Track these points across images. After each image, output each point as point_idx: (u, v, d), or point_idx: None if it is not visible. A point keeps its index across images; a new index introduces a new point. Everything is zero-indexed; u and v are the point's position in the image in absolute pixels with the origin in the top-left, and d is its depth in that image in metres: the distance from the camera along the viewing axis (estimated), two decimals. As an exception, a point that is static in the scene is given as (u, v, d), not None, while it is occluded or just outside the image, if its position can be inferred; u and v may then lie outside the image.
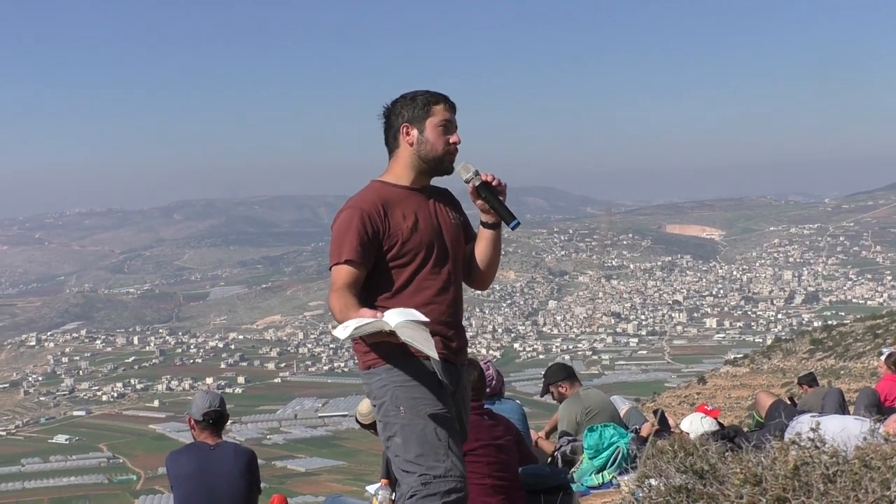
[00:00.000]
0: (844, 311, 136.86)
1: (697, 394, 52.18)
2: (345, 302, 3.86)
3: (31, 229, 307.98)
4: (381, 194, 4.07)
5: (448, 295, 4.13)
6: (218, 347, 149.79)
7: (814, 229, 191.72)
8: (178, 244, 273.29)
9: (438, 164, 4.11)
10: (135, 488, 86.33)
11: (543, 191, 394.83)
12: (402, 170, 4.13)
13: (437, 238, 4.10)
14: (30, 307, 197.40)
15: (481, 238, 4.26)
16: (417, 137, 4.07)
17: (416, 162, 4.11)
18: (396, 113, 4.12)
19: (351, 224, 3.95)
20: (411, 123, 4.08)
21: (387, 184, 4.13)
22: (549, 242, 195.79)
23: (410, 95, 4.12)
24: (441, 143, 4.08)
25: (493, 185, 4.11)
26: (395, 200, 4.06)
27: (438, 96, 4.12)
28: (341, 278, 3.92)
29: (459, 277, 4.24)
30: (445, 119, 4.09)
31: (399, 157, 4.14)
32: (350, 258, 3.91)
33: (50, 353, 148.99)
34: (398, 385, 3.94)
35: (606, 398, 8.59)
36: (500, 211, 4.13)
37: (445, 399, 3.98)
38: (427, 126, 4.07)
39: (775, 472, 3.04)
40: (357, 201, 4.04)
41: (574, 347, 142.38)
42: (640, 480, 3.43)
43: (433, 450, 3.86)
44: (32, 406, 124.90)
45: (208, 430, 6.14)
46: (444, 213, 4.18)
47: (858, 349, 50.20)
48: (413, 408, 3.91)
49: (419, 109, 4.07)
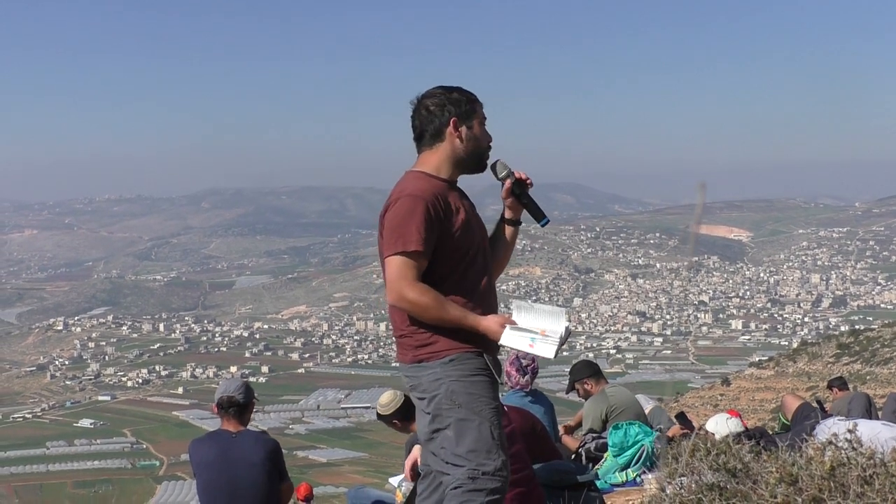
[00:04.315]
0: (872, 315, 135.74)
1: (721, 395, 51.93)
2: (442, 300, 3.88)
3: (61, 214, 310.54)
4: (432, 185, 4.04)
5: (493, 288, 4.15)
6: (243, 336, 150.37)
7: (843, 233, 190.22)
8: (205, 232, 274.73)
9: (480, 160, 4.15)
10: (157, 474, 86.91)
11: (572, 188, 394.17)
12: (441, 163, 4.11)
13: (482, 234, 4.14)
14: (58, 292, 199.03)
15: (501, 234, 4.30)
16: (466, 133, 4.09)
17: (458, 157, 4.11)
18: (442, 106, 4.10)
19: (415, 212, 3.90)
20: (460, 119, 4.08)
21: (431, 176, 4.10)
22: (575, 240, 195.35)
23: (452, 90, 4.13)
24: (486, 139, 4.13)
25: (527, 183, 4.19)
26: (445, 192, 4.05)
27: (473, 95, 4.16)
28: (410, 271, 3.88)
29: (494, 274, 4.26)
30: (485, 119, 4.15)
31: (440, 150, 4.12)
32: (417, 248, 3.87)
33: (77, 338, 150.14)
34: (455, 380, 3.93)
35: (632, 396, 8.54)
36: (533, 209, 4.19)
37: (497, 395, 4.01)
38: (475, 123, 4.11)
39: (811, 472, 3.01)
40: (417, 190, 3.99)
41: (598, 345, 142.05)
42: (671, 477, 3.38)
43: (486, 447, 3.88)
44: (58, 390, 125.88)
45: (230, 417, 6.14)
46: (475, 210, 4.20)
47: (885, 354, 49.73)
48: (470, 403, 3.91)
49: (467, 106, 4.10)
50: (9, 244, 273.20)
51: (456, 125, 4.07)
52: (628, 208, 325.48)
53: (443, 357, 3.94)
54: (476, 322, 3.87)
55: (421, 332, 3.97)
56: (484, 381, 3.94)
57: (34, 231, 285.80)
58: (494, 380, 3.97)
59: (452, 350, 3.93)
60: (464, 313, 3.88)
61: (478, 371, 3.93)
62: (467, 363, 3.93)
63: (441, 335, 3.93)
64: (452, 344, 3.92)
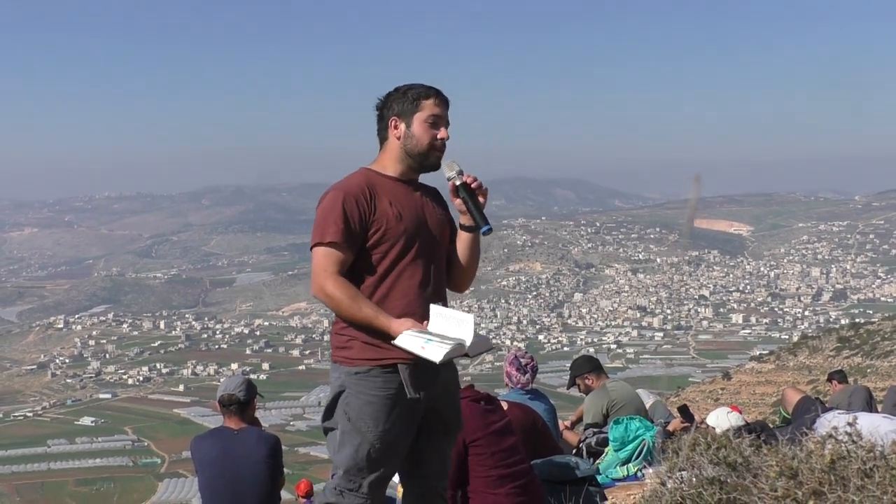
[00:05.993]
0: (872, 309, 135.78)
1: (722, 389, 51.91)
2: (356, 297, 3.89)
3: (61, 212, 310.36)
4: (369, 180, 4.05)
5: (429, 288, 4.08)
6: (243, 333, 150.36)
7: (843, 226, 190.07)
8: (205, 230, 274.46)
9: (424, 159, 4.09)
10: (159, 471, 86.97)
11: (572, 183, 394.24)
12: (389, 161, 4.12)
13: (421, 230, 4.08)
14: (58, 290, 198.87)
15: (460, 240, 4.23)
16: (404, 132, 4.07)
17: (402, 155, 4.10)
18: (388, 106, 4.10)
19: (336, 205, 3.93)
20: (399, 117, 4.07)
21: (375, 172, 4.12)
22: (576, 235, 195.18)
23: (403, 89, 4.11)
24: (427, 138, 4.06)
25: (472, 187, 4.09)
26: (382, 187, 4.04)
27: (430, 91, 4.09)
28: (331, 263, 3.91)
29: (442, 273, 4.20)
30: (434, 114, 4.06)
31: (388, 149, 4.13)
32: (334, 240, 3.90)
33: (77, 336, 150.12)
34: (354, 395, 3.96)
35: (632, 391, 8.56)
36: (475, 213, 4.10)
37: (406, 412, 3.97)
38: (415, 120, 4.05)
39: (811, 465, 3.02)
40: (344, 184, 4.03)
41: (599, 340, 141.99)
42: (671, 471, 3.39)
43: (357, 467, 3.98)
44: (59, 388, 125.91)
45: (231, 414, 6.16)
46: (431, 207, 4.16)
47: (886, 348, 49.76)
48: (358, 421, 3.95)
49: (409, 103, 4.06)
50: (9, 242, 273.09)
51: (395, 123, 4.07)
52: (628, 203, 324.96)
53: (353, 366, 3.97)
54: (387, 324, 3.85)
55: (342, 333, 4.02)
56: (382, 403, 3.93)
57: (34, 229, 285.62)
58: (399, 398, 3.95)
59: (364, 362, 3.95)
60: (376, 313, 3.87)
61: (381, 390, 3.93)
62: (373, 381, 3.94)
63: (357, 342, 3.96)
64: (365, 354, 3.95)
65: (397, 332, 3.82)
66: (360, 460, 3.96)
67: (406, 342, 3.77)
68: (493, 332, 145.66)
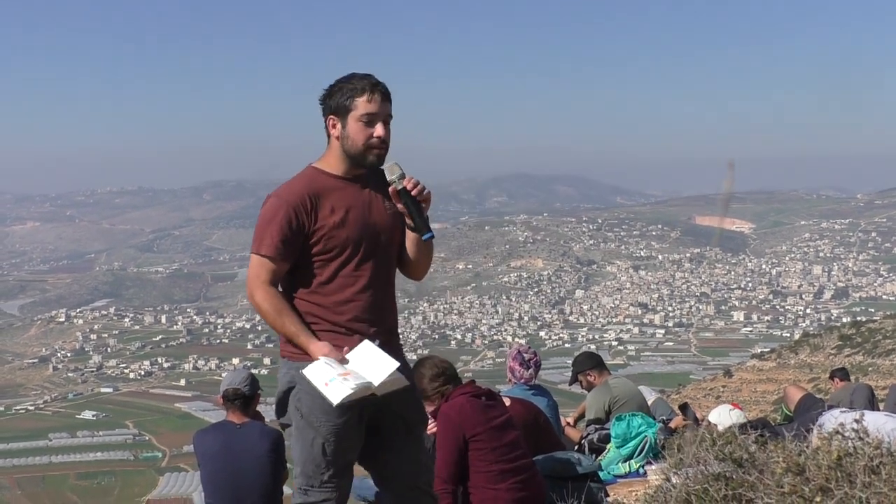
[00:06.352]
0: (874, 307, 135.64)
1: (723, 387, 52.04)
2: (282, 312, 3.90)
3: (63, 206, 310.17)
4: (313, 184, 3.99)
5: (370, 292, 4.01)
6: (245, 328, 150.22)
7: (845, 224, 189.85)
8: (207, 224, 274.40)
9: (362, 159, 3.98)
10: (160, 465, 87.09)
11: (574, 179, 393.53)
12: (334, 160, 4.05)
13: (366, 234, 4.00)
14: (60, 284, 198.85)
15: (408, 238, 4.14)
16: (341, 131, 3.98)
17: (341, 154, 4.02)
18: (325, 104, 4.02)
19: (276, 216, 3.91)
20: (336, 116, 3.98)
21: (322, 172, 4.05)
22: (577, 231, 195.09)
23: (338, 85, 3.98)
24: (362, 137, 3.94)
25: (411, 193, 3.95)
26: (326, 191, 3.98)
27: (364, 86, 3.93)
28: (264, 272, 3.90)
29: (389, 274, 4.14)
30: (368, 112, 3.91)
31: (331, 147, 4.06)
32: (268, 254, 3.88)
33: (79, 330, 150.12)
34: (304, 390, 3.93)
35: (635, 387, 8.56)
36: (416, 219, 4.00)
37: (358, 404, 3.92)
38: (349, 120, 3.94)
39: (818, 461, 3.02)
40: (285, 193, 3.99)
41: (600, 337, 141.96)
42: (677, 467, 3.39)
43: (315, 462, 3.98)
44: (61, 382, 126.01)
45: (234, 408, 6.16)
46: (379, 203, 4.06)
47: (887, 346, 49.85)
48: (310, 416, 3.96)
49: (343, 101, 3.94)
50: (11, 236, 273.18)
51: (333, 123, 4.00)
52: (630, 200, 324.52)
53: (301, 361, 3.94)
54: (306, 344, 3.87)
55: None
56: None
57: (36, 223, 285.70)
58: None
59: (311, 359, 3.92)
60: (297, 331, 3.89)
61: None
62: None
63: None
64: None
65: (314, 355, 3.82)
66: (316, 455, 3.97)
67: (313, 373, 3.77)
68: (494, 328, 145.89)
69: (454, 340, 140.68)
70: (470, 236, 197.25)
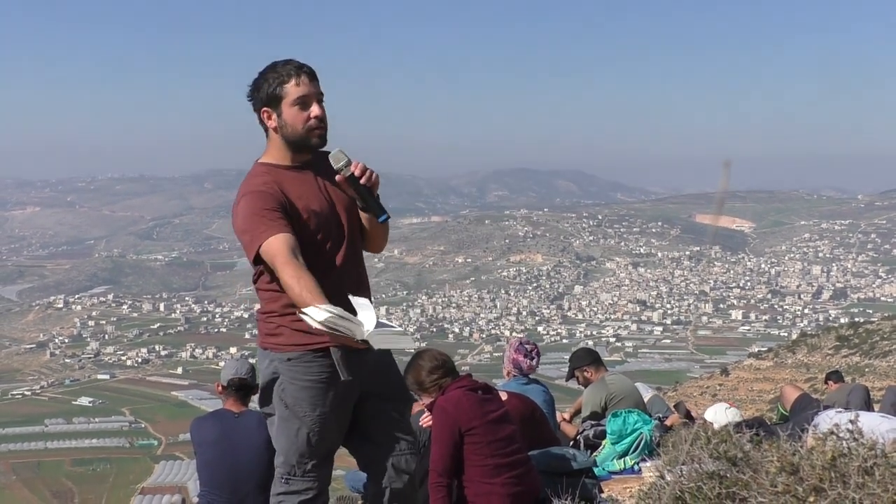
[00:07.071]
0: (872, 308, 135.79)
1: (720, 385, 52.02)
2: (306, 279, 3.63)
3: (63, 192, 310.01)
4: (272, 176, 3.95)
5: (346, 274, 4.01)
6: (243, 318, 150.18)
7: (845, 225, 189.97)
8: (207, 213, 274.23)
9: (304, 142, 3.96)
10: (155, 453, 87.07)
11: (574, 175, 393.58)
12: (278, 152, 4.02)
13: (332, 217, 4.01)
14: (58, 269, 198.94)
15: (363, 216, 4.12)
16: (278, 121, 3.94)
17: (285, 144, 3.99)
18: (254, 98, 3.99)
19: (256, 204, 3.84)
20: (269, 107, 3.94)
21: (272, 166, 4.01)
22: (577, 227, 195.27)
23: (263, 77, 3.95)
24: (300, 121, 3.92)
25: (359, 178, 3.91)
26: (285, 182, 3.95)
27: (290, 71, 3.90)
28: (283, 248, 3.72)
29: (357, 254, 4.15)
30: (300, 95, 3.89)
31: (271, 140, 4.03)
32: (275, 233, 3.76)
33: (77, 316, 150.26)
34: (289, 381, 3.95)
35: (631, 384, 8.55)
36: (369, 203, 3.98)
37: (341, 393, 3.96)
38: (283, 107, 3.91)
39: (812, 461, 3.03)
40: (252, 186, 3.94)
41: (598, 333, 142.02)
42: (671, 465, 3.40)
43: (299, 451, 4.02)
44: (58, 367, 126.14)
45: (234, 397, 6.16)
46: (334, 188, 4.04)
47: (885, 347, 49.79)
48: (295, 406, 3.96)
49: (273, 91, 3.90)
50: (10, 221, 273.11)
51: (268, 115, 3.96)
52: (630, 196, 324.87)
53: (284, 352, 3.94)
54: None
55: (270, 320, 3.99)
56: (318, 387, 3.94)
57: (36, 208, 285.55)
58: (333, 381, 3.91)
59: (295, 348, 3.92)
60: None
61: (315, 375, 3.93)
62: (306, 366, 3.93)
63: (286, 328, 3.93)
64: (295, 340, 3.91)
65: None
66: (300, 445, 4.00)
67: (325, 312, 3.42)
68: (492, 322, 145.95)
69: (452, 334, 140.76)
70: (470, 230, 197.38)
